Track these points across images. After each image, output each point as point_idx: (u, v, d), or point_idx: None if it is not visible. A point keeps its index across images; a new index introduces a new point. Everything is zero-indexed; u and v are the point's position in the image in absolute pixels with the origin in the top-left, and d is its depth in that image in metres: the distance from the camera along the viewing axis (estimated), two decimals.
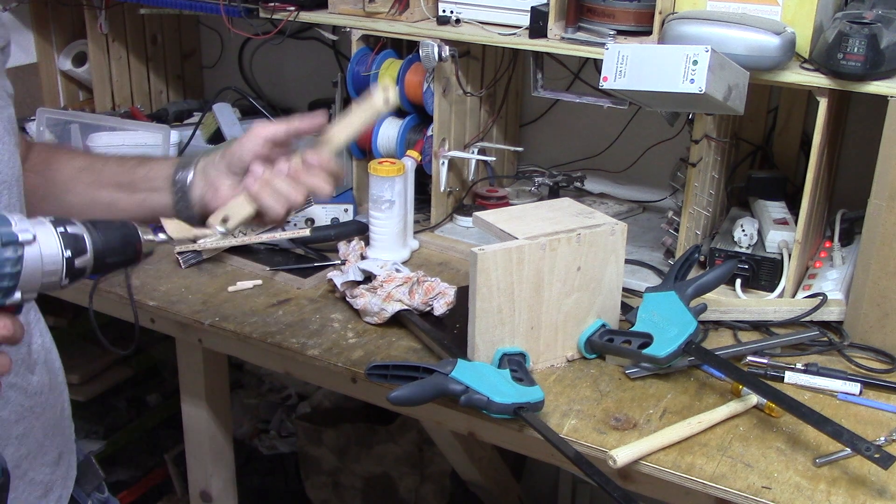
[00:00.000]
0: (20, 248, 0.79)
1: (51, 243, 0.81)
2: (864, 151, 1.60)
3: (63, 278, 0.83)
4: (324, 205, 1.88)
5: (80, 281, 0.86)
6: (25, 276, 0.80)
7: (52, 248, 0.81)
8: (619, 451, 1.19)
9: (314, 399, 2.68)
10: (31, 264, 0.79)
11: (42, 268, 0.81)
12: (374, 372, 1.30)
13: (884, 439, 1.24)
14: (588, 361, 1.43)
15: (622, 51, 1.40)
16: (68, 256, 0.82)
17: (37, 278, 0.81)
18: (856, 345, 1.46)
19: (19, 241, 0.79)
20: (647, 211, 2.01)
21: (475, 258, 1.29)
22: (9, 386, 0.94)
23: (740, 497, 1.14)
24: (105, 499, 1.23)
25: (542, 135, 2.14)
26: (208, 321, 1.53)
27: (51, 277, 0.82)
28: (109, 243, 0.87)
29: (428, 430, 2.31)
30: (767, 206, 1.70)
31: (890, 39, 1.37)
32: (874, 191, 1.39)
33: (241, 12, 1.90)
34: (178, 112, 2.29)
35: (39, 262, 0.80)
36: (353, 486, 2.45)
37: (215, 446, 1.85)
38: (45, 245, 0.80)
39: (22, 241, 0.79)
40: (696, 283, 1.44)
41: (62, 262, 0.82)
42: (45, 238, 0.81)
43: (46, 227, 0.82)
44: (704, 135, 1.60)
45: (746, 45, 1.42)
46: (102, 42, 2.26)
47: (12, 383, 0.98)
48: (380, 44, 1.87)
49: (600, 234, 1.39)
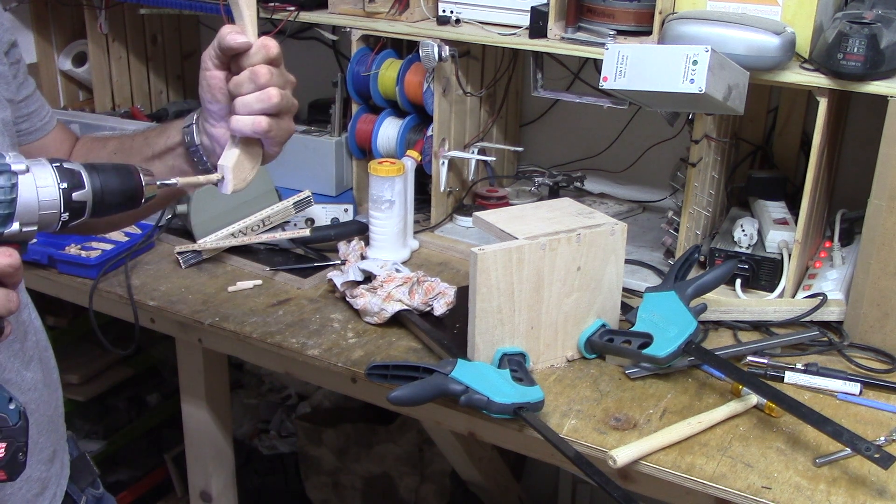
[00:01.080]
0: (13, 176, 0.80)
1: (45, 174, 0.82)
2: (864, 151, 1.60)
3: (62, 212, 0.83)
4: (324, 205, 1.88)
5: (84, 220, 0.86)
6: (22, 206, 0.81)
7: (47, 178, 0.82)
8: (619, 451, 1.19)
9: (314, 399, 2.68)
10: (26, 193, 0.80)
11: (38, 198, 0.81)
12: (374, 372, 1.30)
13: (884, 439, 1.24)
14: (588, 361, 1.43)
15: (622, 51, 1.40)
16: (64, 187, 0.83)
17: (33, 208, 0.81)
18: (856, 345, 1.46)
19: (12, 170, 0.80)
20: (647, 211, 2.01)
21: (475, 258, 1.29)
22: (3, 381, 0.94)
23: (740, 497, 1.14)
24: (100, 495, 1.23)
25: (542, 135, 2.14)
26: (208, 321, 1.53)
27: (49, 209, 0.82)
28: (108, 182, 0.87)
29: (428, 430, 2.31)
30: (767, 206, 1.70)
31: (890, 39, 1.37)
32: (874, 191, 1.39)
33: None
34: (177, 112, 2.28)
35: (34, 192, 0.81)
36: (353, 486, 2.45)
37: (215, 446, 1.85)
38: (39, 176, 0.82)
39: (15, 171, 0.80)
40: (696, 283, 1.44)
41: (58, 192, 0.82)
42: (40, 170, 0.82)
43: (41, 161, 0.83)
44: (704, 135, 1.60)
45: (746, 45, 1.42)
46: (102, 42, 2.26)
47: (6, 379, 0.98)
48: (380, 44, 1.87)
49: (600, 234, 1.39)
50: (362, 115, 1.92)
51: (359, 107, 1.93)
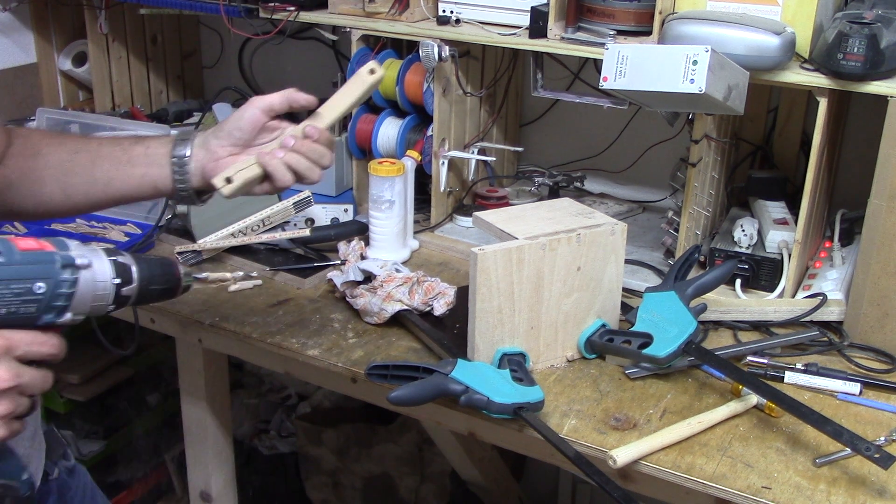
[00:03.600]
0: (77, 270, 0.85)
1: (104, 270, 0.88)
2: (864, 151, 1.60)
3: (110, 304, 0.89)
4: (324, 205, 1.88)
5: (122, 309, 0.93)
6: (78, 298, 0.86)
7: (105, 274, 0.88)
8: (619, 451, 1.19)
9: (314, 399, 2.68)
10: (84, 288, 0.86)
11: (94, 292, 0.88)
12: (374, 372, 1.30)
13: (884, 439, 1.24)
14: (588, 361, 1.43)
15: (622, 51, 1.40)
16: (118, 283, 0.89)
17: (87, 301, 0.87)
18: (856, 345, 1.46)
19: (76, 264, 0.85)
20: (647, 211, 2.01)
21: (475, 258, 1.29)
22: None
23: (740, 497, 1.14)
24: (71, 466, 1.24)
25: (542, 135, 2.14)
26: (208, 321, 1.53)
27: (100, 302, 0.88)
28: (153, 275, 0.94)
29: (428, 430, 2.31)
30: (767, 206, 1.70)
31: (890, 39, 1.37)
32: (874, 191, 1.39)
33: (241, 12, 1.90)
34: (178, 112, 2.29)
35: (92, 287, 0.87)
36: (353, 486, 2.45)
37: (215, 446, 1.85)
38: (98, 271, 0.88)
39: (79, 265, 0.85)
40: (696, 283, 1.44)
41: (112, 288, 0.89)
42: (100, 265, 0.88)
43: (100, 255, 0.89)
44: (704, 135, 1.60)
45: (746, 45, 1.42)
46: (102, 42, 2.26)
47: None
48: (380, 44, 1.87)
49: (600, 234, 1.39)
50: (362, 115, 1.92)
51: (359, 107, 1.93)
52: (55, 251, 0.86)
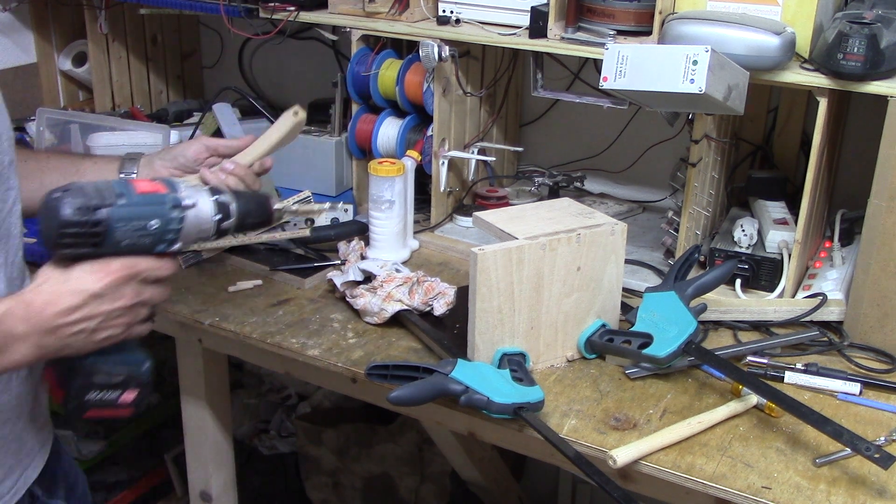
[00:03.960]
0: (184, 210, 1.02)
1: (207, 208, 1.05)
2: (864, 151, 1.60)
3: (212, 235, 1.06)
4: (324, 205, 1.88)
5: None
6: (185, 232, 1.03)
7: (208, 212, 1.05)
8: (619, 451, 1.19)
9: (314, 399, 2.68)
10: (190, 223, 1.03)
11: (198, 226, 1.04)
12: (374, 372, 1.30)
13: (884, 439, 1.24)
14: (588, 361, 1.43)
15: (622, 51, 1.40)
16: (218, 219, 1.06)
17: (193, 234, 1.04)
18: (856, 345, 1.46)
19: (183, 204, 1.02)
20: (647, 211, 2.01)
21: (475, 258, 1.29)
22: None
23: (740, 497, 1.14)
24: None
25: (542, 135, 2.14)
26: (208, 321, 1.53)
27: (203, 234, 1.06)
28: (249, 210, 1.10)
29: (428, 430, 2.31)
30: (767, 206, 1.70)
31: (890, 39, 1.37)
32: (874, 191, 1.39)
33: (241, 12, 1.90)
34: (178, 112, 2.29)
35: (197, 222, 1.04)
36: (353, 486, 2.45)
37: (215, 446, 1.85)
38: (202, 209, 1.04)
39: (185, 206, 1.02)
40: (696, 283, 1.44)
41: (213, 223, 1.05)
42: (203, 203, 1.04)
43: (204, 195, 1.05)
44: (704, 135, 1.60)
45: (746, 45, 1.42)
46: (102, 42, 2.26)
47: None
48: (380, 44, 1.87)
49: (600, 234, 1.39)
50: (362, 115, 1.92)
51: (359, 107, 1.93)
52: (167, 193, 1.01)
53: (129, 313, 1.01)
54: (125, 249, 0.99)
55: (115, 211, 0.97)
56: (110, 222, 0.97)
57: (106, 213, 0.96)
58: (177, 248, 1.03)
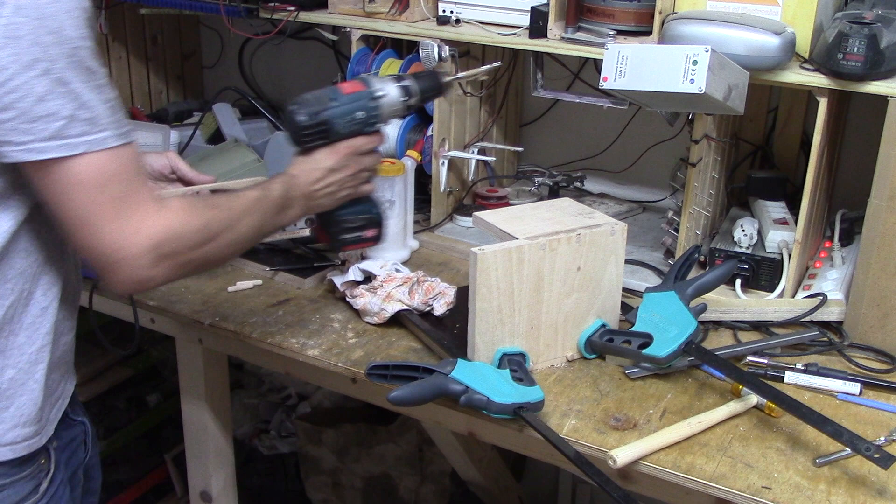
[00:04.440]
0: (379, 99, 1.36)
1: (395, 94, 1.38)
2: (864, 151, 1.60)
3: (402, 112, 1.40)
4: None
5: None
6: (382, 114, 1.37)
7: (396, 98, 1.37)
8: (619, 451, 1.19)
9: (314, 399, 2.68)
10: (384, 108, 1.37)
11: (391, 108, 1.38)
12: (374, 372, 1.30)
13: (884, 439, 1.24)
14: (588, 361, 1.43)
15: (622, 51, 1.40)
16: (404, 100, 1.38)
17: (387, 115, 1.38)
18: (856, 345, 1.46)
19: (377, 96, 1.35)
20: (647, 211, 2.01)
21: (475, 258, 1.29)
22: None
23: (740, 497, 1.14)
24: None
25: (542, 135, 2.14)
26: (208, 321, 1.53)
27: (395, 113, 1.40)
28: (427, 87, 1.41)
29: (428, 430, 2.31)
30: (767, 206, 1.70)
31: (890, 39, 1.37)
32: (874, 191, 1.39)
33: (241, 12, 1.90)
34: (178, 112, 2.29)
35: (389, 106, 1.37)
36: (353, 486, 2.45)
37: (215, 446, 1.85)
38: (392, 96, 1.37)
39: (378, 96, 1.35)
40: (696, 283, 1.44)
41: (402, 104, 1.38)
42: (392, 91, 1.37)
43: (391, 83, 1.37)
44: (704, 135, 1.60)
45: (746, 45, 1.42)
46: (102, 42, 2.26)
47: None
48: (380, 44, 1.87)
49: (600, 234, 1.39)
50: None
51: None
52: (364, 89, 1.35)
53: (356, 178, 1.38)
54: (345, 134, 1.35)
55: (332, 111, 1.33)
56: (331, 119, 1.33)
57: (327, 114, 1.32)
58: (379, 127, 1.39)
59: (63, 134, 0.98)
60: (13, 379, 1.12)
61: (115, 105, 1.03)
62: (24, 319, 1.12)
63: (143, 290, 1.12)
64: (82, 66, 0.98)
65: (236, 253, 1.25)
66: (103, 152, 1.00)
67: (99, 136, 1.00)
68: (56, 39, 0.95)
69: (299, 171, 1.34)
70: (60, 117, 0.97)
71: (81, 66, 0.98)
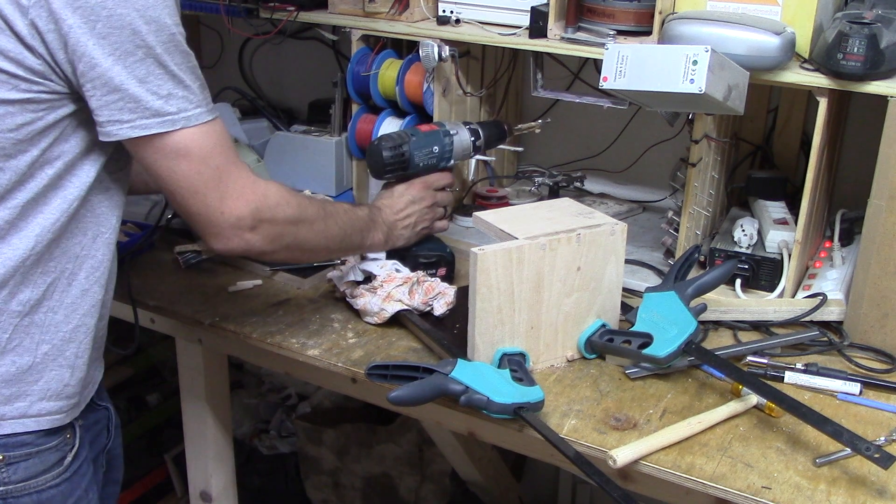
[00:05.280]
0: (452, 137, 1.56)
1: (465, 135, 1.58)
2: (864, 151, 1.60)
3: (471, 151, 1.59)
4: None
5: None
6: (454, 153, 1.57)
7: (466, 138, 1.58)
8: (619, 451, 1.19)
9: (314, 399, 2.68)
10: (457, 146, 1.57)
11: (462, 147, 1.57)
12: (374, 372, 1.30)
13: (884, 439, 1.24)
14: (588, 361, 1.43)
15: (622, 51, 1.40)
16: (473, 140, 1.58)
17: (459, 153, 1.58)
18: (856, 345, 1.46)
19: (450, 134, 1.56)
20: (647, 211, 2.01)
21: (475, 258, 1.29)
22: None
23: (740, 497, 1.14)
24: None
25: (542, 135, 2.13)
26: (208, 321, 1.53)
27: (466, 152, 1.59)
28: (492, 133, 1.63)
29: (428, 430, 2.31)
30: (767, 206, 1.70)
31: (890, 39, 1.37)
32: (874, 191, 1.39)
33: (241, 12, 1.90)
34: None
35: (461, 145, 1.57)
36: (353, 486, 2.45)
37: (215, 446, 1.85)
38: (462, 136, 1.57)
39: (452, 134, 1.56)
40: (696, 283, 1.44)
41: (471, 144, 1.58)
42: (462, 132, 1.58)
43: (461, 126, 1.58)
44: (704, 135, 1.60)
45: (746, 45, 1.42)
46: None
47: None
48: (380, 44, 1.87)
49: (600, 234, 1.39)
50: (362, 115, 1.92)
51: (359, 107, 1.93)
52: (439, 129, 1.55)
53: (432, 211, 1.56)
54: (423, 169, 1.54)
55: (411, 146, 1.51)
56: (411, 153, 1.52)
57: (407, 148, 1.51)
58: (452, 164, 1.58)
59: (164, 111, 1.09)
60: (46, 354, 1.18)
61: (204, 83, 1.14)
62: (64, 299, 1.18)
63: (245, 253, 1.22)
64: (179, 50, 1.09)
65: (324, 249, 1.37)
66: (200, 126, 1.12)
67: (195, 111, 1.11)
68: (156, 28, 1.06)
69: (382, 203, 1.52)
70: (160, 96, 1.08)
71: (178, 50, 1.09)
